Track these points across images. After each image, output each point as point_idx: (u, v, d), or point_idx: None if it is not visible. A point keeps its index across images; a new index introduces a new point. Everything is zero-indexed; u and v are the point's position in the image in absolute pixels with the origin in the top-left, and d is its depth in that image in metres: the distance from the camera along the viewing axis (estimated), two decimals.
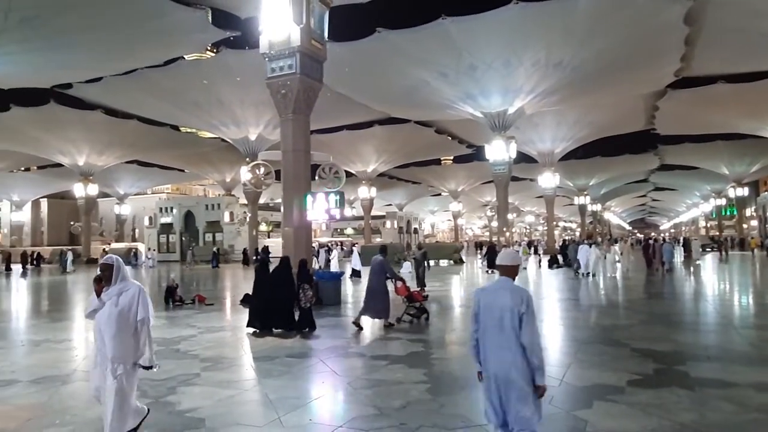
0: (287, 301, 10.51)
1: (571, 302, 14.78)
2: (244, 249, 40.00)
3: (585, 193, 63.48)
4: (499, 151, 33.72)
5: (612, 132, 44.96)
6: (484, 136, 36.30)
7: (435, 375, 6.91)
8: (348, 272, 23.80)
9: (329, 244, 45.96)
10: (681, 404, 5.53)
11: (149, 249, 45.01)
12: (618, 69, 27.74)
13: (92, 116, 37.94)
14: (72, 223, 63.67)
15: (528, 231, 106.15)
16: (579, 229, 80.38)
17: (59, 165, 47.55)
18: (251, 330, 10.36)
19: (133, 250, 44.94)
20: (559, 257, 29.28)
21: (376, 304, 10.65)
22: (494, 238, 45.72)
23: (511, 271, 3.74)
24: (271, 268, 11.47)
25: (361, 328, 10.42)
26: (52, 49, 23.72)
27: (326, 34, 15.12)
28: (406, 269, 25.96)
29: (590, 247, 22.47)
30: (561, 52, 26.32)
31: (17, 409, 5.76)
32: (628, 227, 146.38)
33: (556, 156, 44.91)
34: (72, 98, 34.88)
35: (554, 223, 59.44)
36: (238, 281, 23.58)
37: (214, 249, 39.71)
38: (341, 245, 51.10)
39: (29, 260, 37.75)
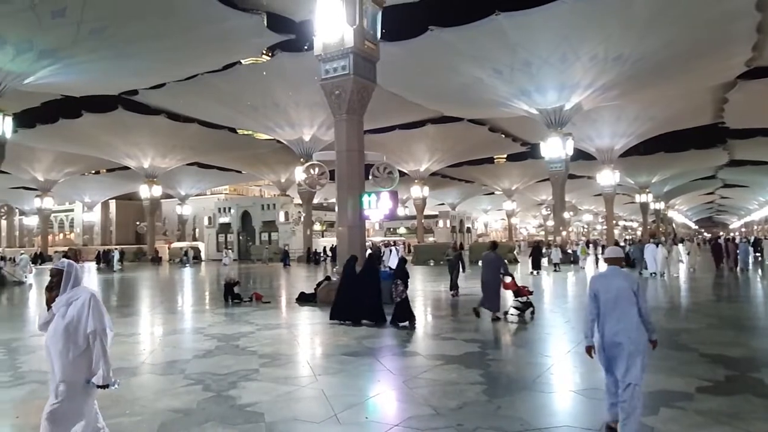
0: (375, 296, 11.27)
1: None
2: (308, 248, 40.87)
3: (647, 190, 60.92)
4: (555, 148, 32.91)
5: (676, 126, 42.94)
6: (539, 134, 35.50)
7: (491, 376, 6.82)
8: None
9: (391, 243, 46.23)
10: (756, 413, 5.21)
11: (227, 248, 46.12)
12: (682, 61, 26.49)
13: (156, 121, 39.72)
14: (138, 222, 66.84)
15: (586, 230, 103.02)
16: (640, 228, 77.28)
17: (126, 168, 50.11)
18: (335, 322, 11.10)
19: (185, 249, 46.49)
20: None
21: (489, 296, 11.31)
22: (550, 238, 44.64)
23: (617, 261, 4.90)
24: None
25: (478, 315, 11.39)
26: (120, 57, 24.95)
27: (379, 35, 15.20)
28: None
29: (657, 246, 21.69)
30: (620, 45, 25.38)
31: None
32: (694, 226, 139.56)
33: (616, 152, 43.36)
34: (138, 104, 36.63)
35: (614, 221, 57.37)
36: (295, 280, 24.03)
37: (285, 248, 40.68)
38: (395, 244, 51.21)
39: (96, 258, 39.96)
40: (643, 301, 4.61)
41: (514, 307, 11.44)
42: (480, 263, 12.56)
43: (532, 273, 24.14)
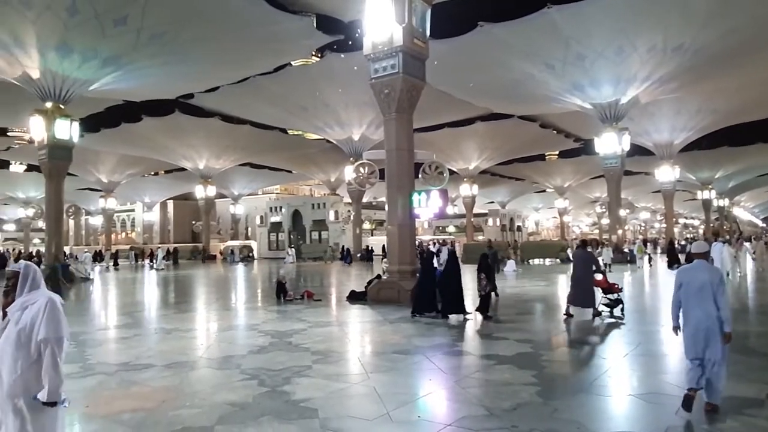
0: (457, 290, 11.65)
1: None
2: (367, 246, 41.40)
3: (710, 186, 57.99)
4: (610, 143, 31.86)
5: (741, 119, 40.66)
6: (593, 129, 34.47)
7: (546, 377, 6.66)
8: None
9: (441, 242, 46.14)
10: None
11: (290, 246, 47.00)
12: (748, 50, 25.07)
13: (211, 123, 40.99)
14: (194, 222, 69.18)
15: (643, 228, 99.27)
16: (702, 226, 73.79)
17: (183, 169, 51.98)
18: (417, 315, 11.70)
19: (231, 248, 47.76)
20: (681, 256, 27.03)
21: (583, 293, 11.22)
22: (604, 236, 43.26)
23: (703, 256, 5.43)
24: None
25: (571, 316, 11.14)
26: (177, 62, 25.88)
27: (428, 32, 15.13)
28: (511, 267, 25.37)
29: (723, 245, 20.65)
30: (681, 35, 24.28)
31: (154, 391, 6.33)
32: (761, 224, 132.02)
33: (676, 147, 41.54)
34: (193, 107, 37.88)
35: (673, 219, 55.01)
36: (345, 278, 24.26)
37: (346, 247, 41.28)
38: (443, 243, 50.92)
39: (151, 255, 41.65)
40: (720, 295, 5.12)
41: (604, 304, 11.38)
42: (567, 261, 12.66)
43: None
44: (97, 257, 40.75)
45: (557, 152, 63.56)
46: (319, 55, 34.06)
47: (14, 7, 19.58)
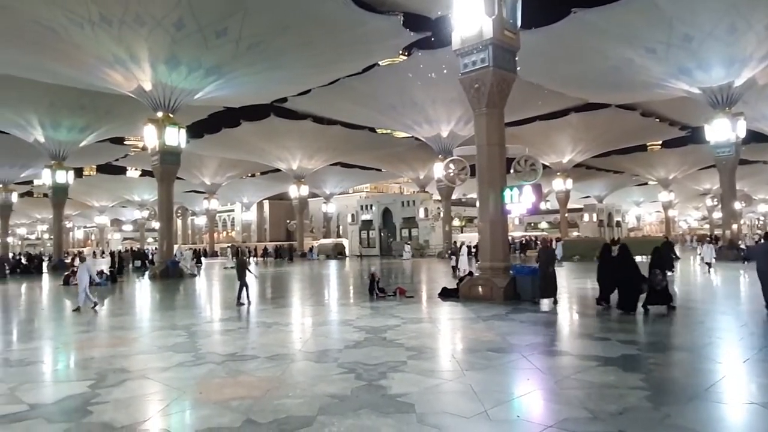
0: (637, 283, 11.48)
1: None
2: (462, 242, 41.04)
3: None
4: (722, 130, 29.35)
5: None
6: (702, 115, 31.91)
7: (655, 381, 6.26)
8: None
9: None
10: None
11: (407, 242, 47.54)
12: None
13: (303, 125, 42.58)
14: (288, 221, 72.14)
15: (762, 222, 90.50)
16: None
17: (277, 170, 54.45)
18: (603, 307, 11.92)
19: (310, 247, 49.10)
20: None
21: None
22: (716, 231, 39.89)
23: None
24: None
25: None
26: (272, 69, 27.10)
27: (519, 23, 14.71)
28: None
29: None
30: None
31: (259, 380, 6.68)
32: None
33: None
34: (287, 110, 39.56)
35: None
36: (436, 275, 24.21)
37: (455, 243, 41.37)
38: (535, 240, 49.41)
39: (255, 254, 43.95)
40: None
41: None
42: (751, 255, 12.10)
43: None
44: (197, 255, 43.66)
45: (660, 142, 59.68)
46: (406, 54, 34.23)
47: (130, 25, 21.41)
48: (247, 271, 15.26)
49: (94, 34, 21.67)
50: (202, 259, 42.55)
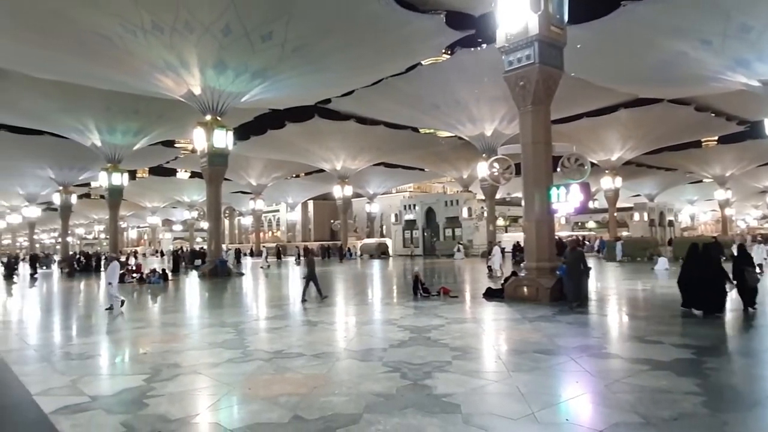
0: (721, 283, 10.99)
1: None
2: (494, 242, 40.59)
3: None
4: None
5: None
6: (761, 109, 30.36)
7: (712, 387, 6.02)
8: None
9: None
10: None
11: (498, 242, 47.26)
12: None
13: (347, 126, 42.91)
14: (332, 221, 72.89)
15: None
16: None
17: (321, 171, 55.12)
18: (687, 310, 11.17)
19: (348, 246, 49.45)
20: None
21: None
22: None
23: None
24: None
25: None
26: (316, 71, 27.43)
27: (566, 18, 14.40)
28: (662, 265, 23.34)
29: None
30: None
31: (305, 377, 6.79)
32: None
33: None
34: (331, 111, 39.95)
35: None
36: (480, 275, 23.97)
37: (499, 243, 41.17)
38: (583, 240, 48.19)
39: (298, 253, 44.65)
40: None
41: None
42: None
43: None
44: (237, 254, 44.64)
45: (716, 138, 57.02)
46: (450, 53, 34.00)
47: (180, 32, 22.12)
48: (315, 269, 15.86)
49: (146, 41, 22.50)
50: (247, 258, 43.51)
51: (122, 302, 14.56)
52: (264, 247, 54.58)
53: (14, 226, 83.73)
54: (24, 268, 33.51)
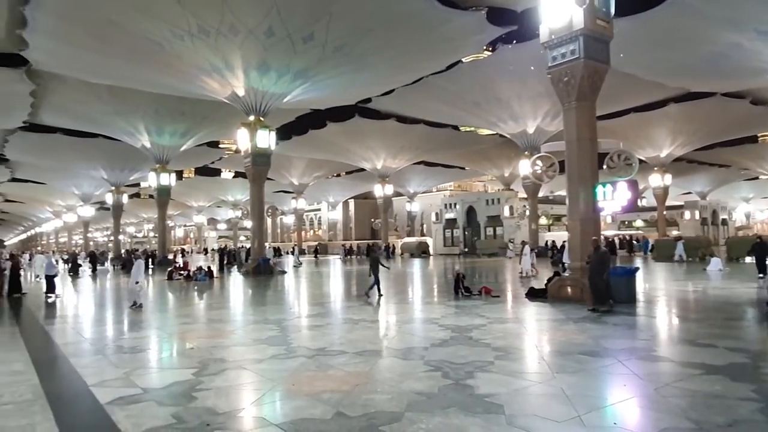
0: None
1: None
2: (524, 242, 39.86)
3: None
4: None
5: None
6: None
7: None
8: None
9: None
10: None
11: (509, 241, 47.00)
12: None
13: (387, 125, 43.00)
14: (372, 219, 73.21)
15: None
16: None
17: (362, 170, 55.41)
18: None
19: (385, 244, 49.65)
20: None
21: None
22: None
23: None
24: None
25: None
26: (356, 71, 27.61)
27: (612, 11, 14.01)
28: (715, 266, 22.43)
29: None
30: None
31: (347, 375, 6.85)
32: None
33: None
34: (371, 110, 40.09)
35: None
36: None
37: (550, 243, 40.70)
38: (630, 239, 46.82)
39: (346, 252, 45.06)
40: None
41: None
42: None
43: (761, 277, 17.69)
44: (277, 252, 45.54)
45: None
46: (491, 49, 33.59)
47: (225, 35, 22.66)
48: (380, 266, 15.97)
49: (193, 45, 23.15)
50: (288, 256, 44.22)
51: (140, 305, 14.22)
52: (294, 246, 55.35)
53: (70, 225, 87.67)
54: (85, 265, 35.13)
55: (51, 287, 17.90)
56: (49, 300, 17.26)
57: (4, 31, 21.97)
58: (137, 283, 14.57)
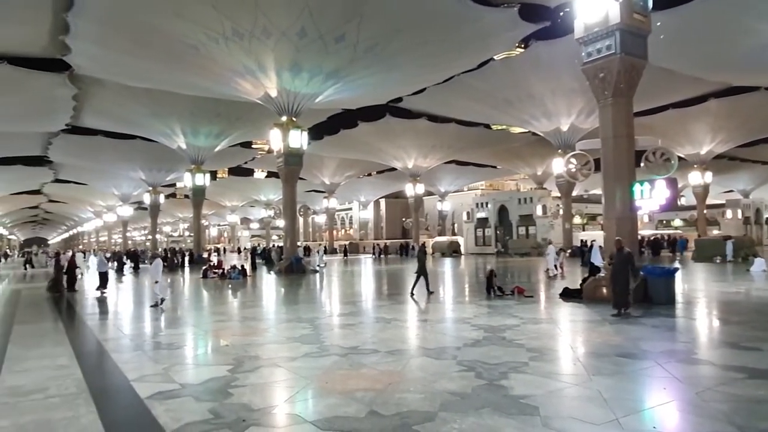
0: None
1: None
2: (549, 241, 39.30)
3: None
4: None
5: None
6: None
7: None
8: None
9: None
10: None
11: (548, 243, 46.25)
12: None
13: (418, 124, 42.91)
14: (404, 219, 73.16)
15: None
16: None
17: (393, 169, 55.46)
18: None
19: (410, 243, 49.52)
20: None
21: None
22: None
23: None
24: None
25: None
26: (387, 70, 27.63)
27: (650, 4, 13.67)
28: (759, 267, 21.67)
29: None
30: None
31: (380, 374, 6.87)
32: None
33: None
34: (402, 110, 40.05)
35: None
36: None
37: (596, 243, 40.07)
38: (668, 238, 45.61)
39: (376, 251, 45.16)
40: None
41: None
42: None
43: None
44: (306, 250, 45.88)
45: None
46: (523, 46, 33.15)
47: (258, 38, 22.99)
48: (426, 264, 16.43)
49: (227, 47, 23.56)
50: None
51: (162, 300, 14.53)
52: (319, 245, 55.72)
53: (110, 224, 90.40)
54: (128, 263, 36.27)
55: (104, 282, 19.23)
56: (103, 294, 18.43)
57: (48, 37, 22.79)
58: (156, 282, 14.63)
